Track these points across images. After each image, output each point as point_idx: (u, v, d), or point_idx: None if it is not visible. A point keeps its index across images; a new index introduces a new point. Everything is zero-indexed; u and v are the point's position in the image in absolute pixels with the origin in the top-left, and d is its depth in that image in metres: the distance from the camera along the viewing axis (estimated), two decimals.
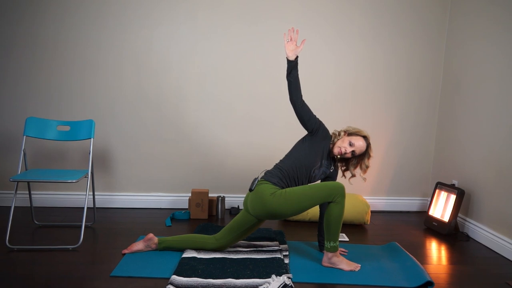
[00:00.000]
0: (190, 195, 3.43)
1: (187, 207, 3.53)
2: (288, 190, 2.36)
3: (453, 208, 3.13)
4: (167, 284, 2.07)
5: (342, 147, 2.45)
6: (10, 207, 2.59)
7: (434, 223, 3.26)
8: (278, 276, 2.15)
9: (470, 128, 3.22)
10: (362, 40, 3.57)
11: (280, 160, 2.53)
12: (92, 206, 3.05)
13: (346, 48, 3.58)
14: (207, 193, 3.35)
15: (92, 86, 3.43)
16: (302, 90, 2.41)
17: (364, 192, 3.66)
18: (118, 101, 3.46)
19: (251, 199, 2.42)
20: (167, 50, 3.46)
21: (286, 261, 2.47)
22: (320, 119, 2.51)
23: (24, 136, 2.81)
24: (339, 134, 2.53)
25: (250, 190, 2.43)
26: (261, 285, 2.10)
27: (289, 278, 2.15)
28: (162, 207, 3.57)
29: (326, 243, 2.39)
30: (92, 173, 2.89)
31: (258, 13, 3.47)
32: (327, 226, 2.36)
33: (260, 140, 3.59)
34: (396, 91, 3.65)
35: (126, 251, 2.51)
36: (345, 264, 2.40)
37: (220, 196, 3.40)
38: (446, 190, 3.29)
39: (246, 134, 3.58)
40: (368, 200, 3.54)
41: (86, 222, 2.81)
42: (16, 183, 2.60)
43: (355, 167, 2.54)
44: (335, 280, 2.27)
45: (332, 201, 2.32)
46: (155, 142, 3.53)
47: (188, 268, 2.25)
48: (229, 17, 3.46)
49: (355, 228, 3.21)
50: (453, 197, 3.18)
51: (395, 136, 3.69)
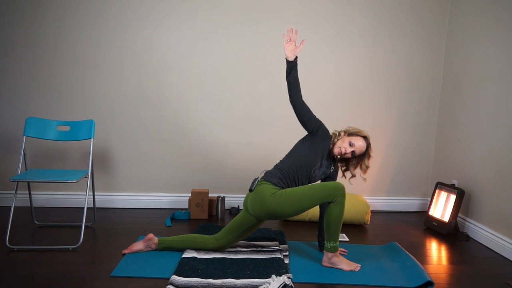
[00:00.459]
0: (190, 195, 3.43)
1: (187, 207, 3.53)
2: (288, 190, 2.36)
3: (453, 208, 3.13)
4: (167, 284, 2.07)
5: (342, 147, 2.45)
6: (10, 207, 2.59)
7: (434, 223, 3.26)
8: (278, 276, 2.15)
9: (470, 128, 3.22)
10: (362, 40, 3.57)
11: (280, 161, 2.53)
12: (92, 206, 3.05)
13: (346, 48, 3.58)
14: (207, 193, 3.35)
15: (92, 86, 3.43)
16: (302, 91, 2.41)
17: (364, 192, 3.66)
18: (118, 101, 3.46)
19: (251, 199, 2.42)
20: (167, 50, 3.46)
21: (286, 261, 2.47)
22: (320, 119, 2.51)
23: (24, 136, 2.81)
24: (339, 134, 2.53)
25: (250, 190, 2.43)
26: (261, 285, 2.10)
27: (289, 278, 2.15)
28: (162, 207, 3.57)
29: (326, 243, 2.39)
30: (92, 173, 2.89)
31: (258, 13, 3.47)
32: (327, 226, 2.36)
33: (260, 140, 3.59)
34: (396, 91, 3.65)
35: (126, 251, 2.51)
36: (345, 264, 2.40)
37: (220, 196, 3.40)
38: (446, 190, 3.29)
39: (246, 134, 3.58)
40: (368, 200, 3.54)
41: (86, 222, 2.81)
42: (16, 183, 2.60)
43: (355, 167, 2.55)
44: (335, 280, 2.27)
45: (332, 201, 2.32)
46: (155, 142, 3.53)
47: (188, 268, 2.25)
48: (229, 17, 3.46)
49: (355, 228, 3.21)
50: (453, 197, 3.18)
51: (395, 136, 3.70)
